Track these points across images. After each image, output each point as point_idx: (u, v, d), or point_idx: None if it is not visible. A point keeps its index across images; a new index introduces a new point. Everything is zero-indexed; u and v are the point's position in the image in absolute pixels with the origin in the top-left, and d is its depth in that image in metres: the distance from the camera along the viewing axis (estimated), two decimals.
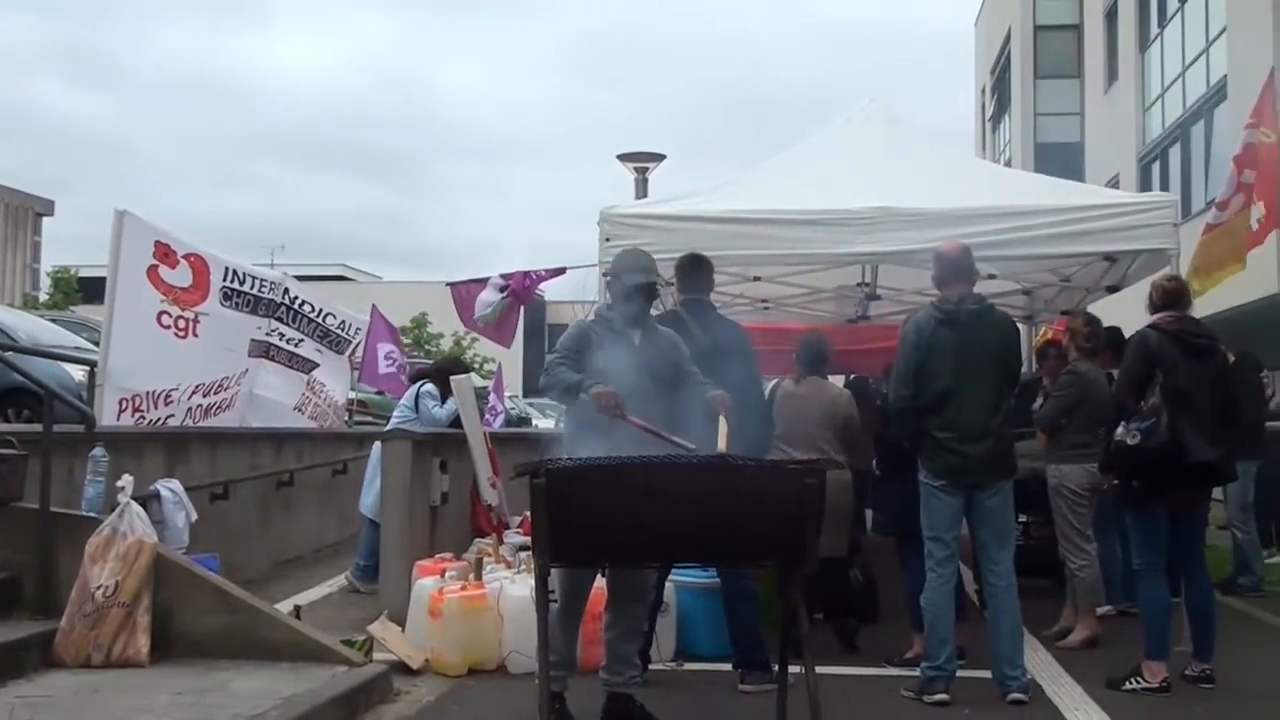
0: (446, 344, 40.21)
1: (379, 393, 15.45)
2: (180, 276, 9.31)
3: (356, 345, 12.31)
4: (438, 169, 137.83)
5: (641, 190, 15.68)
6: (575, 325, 5.66)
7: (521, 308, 10.16)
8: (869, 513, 8.07)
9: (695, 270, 6.65)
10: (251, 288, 10.17)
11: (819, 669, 4.69)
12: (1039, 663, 6.59)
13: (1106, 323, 8.11)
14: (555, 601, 4.93)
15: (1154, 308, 6.35)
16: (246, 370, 10.29)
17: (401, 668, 6.17)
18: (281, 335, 10.75)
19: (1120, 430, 6.05)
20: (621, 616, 5.33)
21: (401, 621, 6.78)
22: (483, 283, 9.96)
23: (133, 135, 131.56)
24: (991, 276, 9.30)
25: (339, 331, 11.57)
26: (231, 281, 9.89)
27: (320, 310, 11.27)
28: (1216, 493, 9.50)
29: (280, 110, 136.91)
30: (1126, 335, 6.84)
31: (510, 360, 30.28)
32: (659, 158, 16.14)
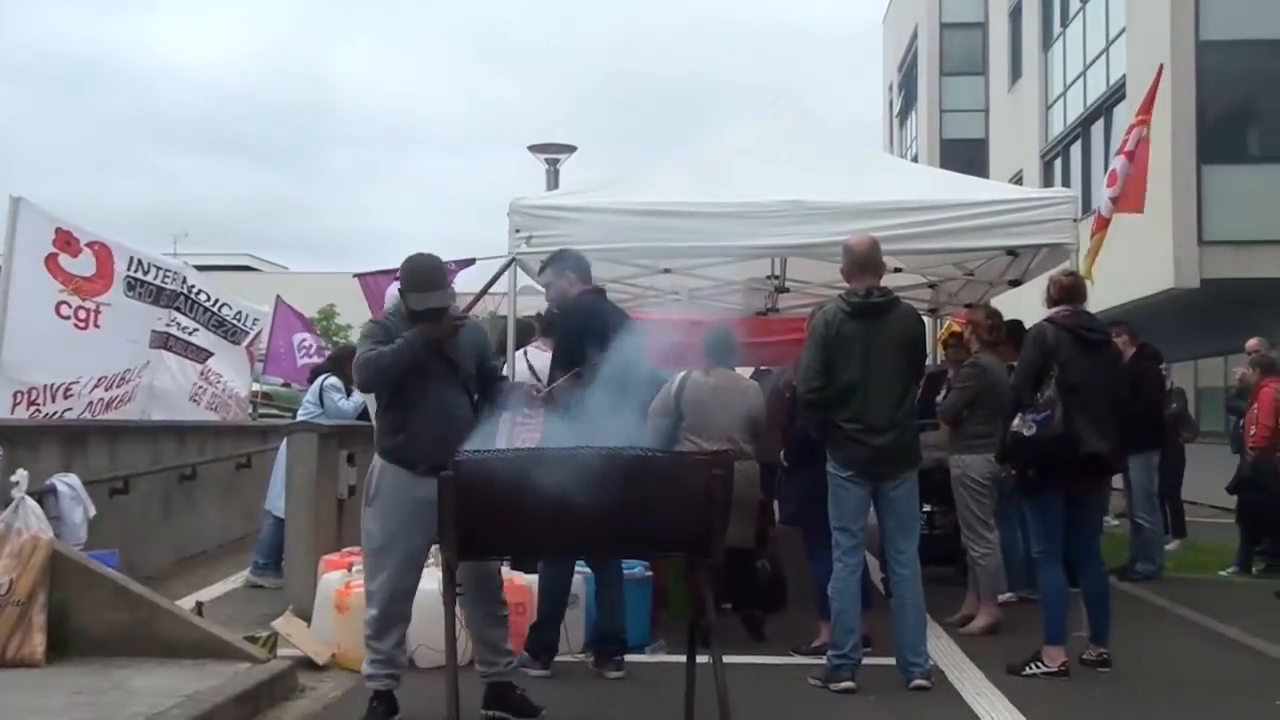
0: (355, 335, 39.70)
1: (285, 384, 15.25)
2: (83, 266, 9.09)
3: (255, 336, 12.12)
4: (338, 157, 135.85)
5: (553, 181, 15.65)
6: (375, 322, 5.51)
7: None
8: (776, 504, 8.14)
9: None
10: (155, 278, 9.98)
11: (726, 658, 4.73)
12: (942, 649, 6.72)
13: (1008, 316, 8.28)
14: (462, 594, 4.90)
15: (1051, 302, 6.50)
16: (148, 362, 10.08)
17: (307, 663, 6.10)
18: (179, 324, 10.57)
19: (1017, 422, 6.20)
20: (477, 607, 5.23)
21: (307, 616, 6.69)
22: (392, 273, 9.86)
23: (5, 120, 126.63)
24: (898, 270, 9.44)
25: (235, 322, 11.40)
26: (136, 271, 9.69)
27: (216, 300, 11.10)
28: (1117, 481, 9.81)
29: (171, 95, 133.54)
30: (1028, 328, 6.99)
31: None
32: (570, 149, 16.14)
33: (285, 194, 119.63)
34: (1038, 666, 6.16)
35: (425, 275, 5.21)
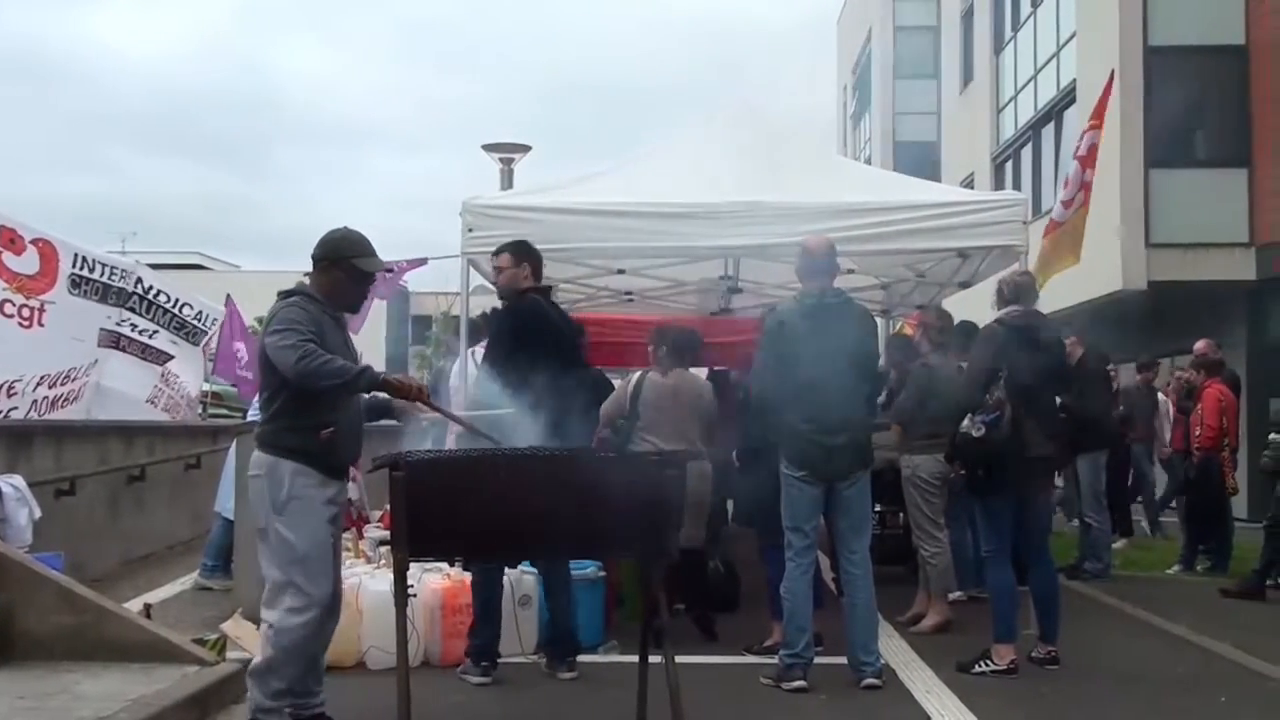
0: None
1: (234, 385, 15.12)
2: (26, 263, 8.97)
3: (212, 336, 12.02)
4: (288, 154, 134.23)
5: (507, 181, 15.62)
6: (301, 307, 4.80)
7: (376, 298, 10.03)
8: (729, 503, 8.17)
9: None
10: (102, 275, 9.85)
11: (679, 658, 4.74)
12: (893, 648, 6.76)
13: (959, 317, 8.35)
14: (414, 596, 4.87)
15: (1002, 303, 6.57)
16: (95, 361, 9.96)
17: None
18: (134, 326, 10.43)
19: (966, 423, 6.26)
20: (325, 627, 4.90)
21: (257, 619, 6.61)
22: None
23: None
24: (850, 271, 9.49)
25: (195, 322, 11.28)
26: (81, 269, 9.56)
27: (176, 300, 10.98)
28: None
29: (117, 91, 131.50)
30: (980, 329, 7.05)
31: (373, 351, 29.86)
32: (524, 149, 16.10)
33: (235, 191, 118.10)
34: (987, 664, 6.21)
35: (364, 241, 4.98)
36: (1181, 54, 16.91)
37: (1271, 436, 8.69)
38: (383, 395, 4.97)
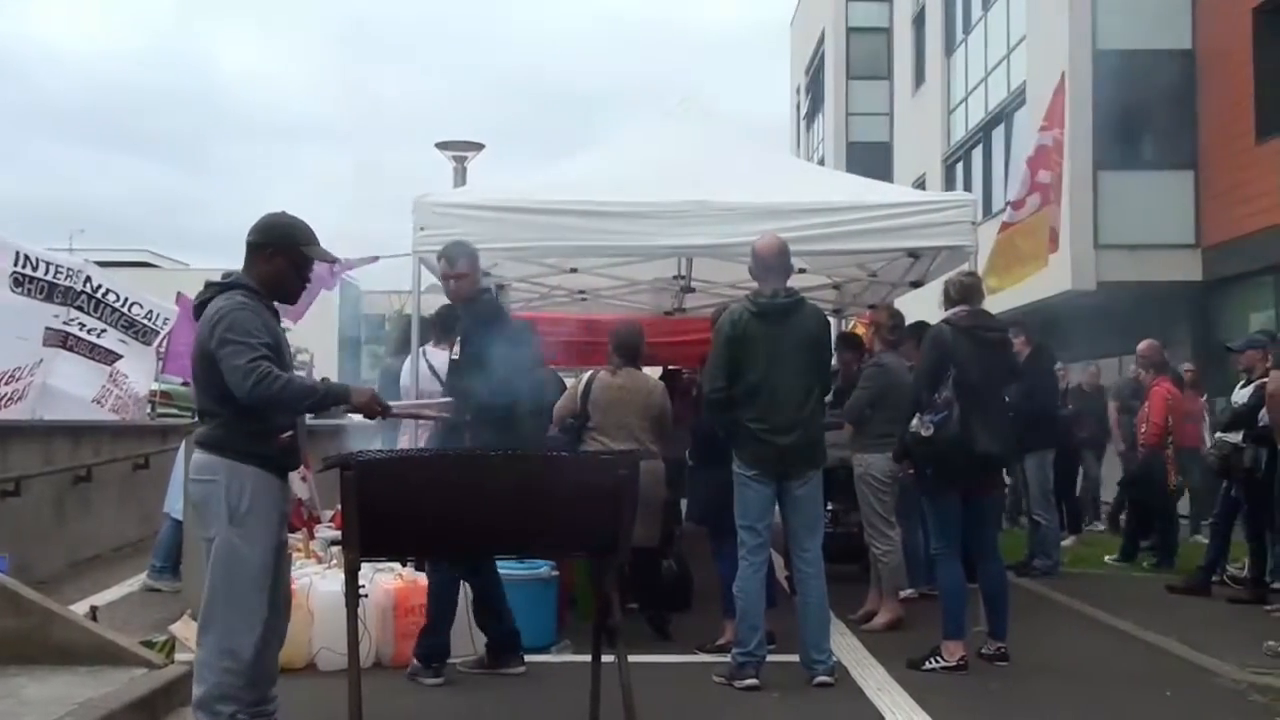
0: None
1: (184, 383, 14.94)
2: None
3: (165, 336, 11.87)
4: (232, 151, 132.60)
5: (460, 179, 15.55)
6: (247, 307, 4.51)
7: (323, 290, 9.94)
8: (684, 502, 8.18)
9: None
10: (46, 273, 9.70)
11: (632, 657, 4.73)
12: (845, 646, 6.80)
13: (911, 317, 8.41)
14: (365, 596, 4.83)
15: (950, 303, 6.62)
16: (41, 360, 9.81)
17: None
18: (81, 325, 10.29)
19: (915, 422, 6.31)
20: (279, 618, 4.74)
21: None
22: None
23: None
24: (802, 270, 9.52)
25: (145, 321, 11.14)
26: (23, 267, 9.42)
27: (125, 299, 10.83)
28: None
29: (59, 88, 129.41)
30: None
31: (324, 350, 29.69)
32: (478, 147, 16.03)
33: (182, 189, 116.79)
34: (937, 661, 6.26)
35: (310, 229, 4.73)
36: (1129, 57, 17.09)
37: (1217, 435, 8.81)
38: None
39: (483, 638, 6.38)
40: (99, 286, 10.44)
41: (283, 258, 4.64)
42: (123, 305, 10.78)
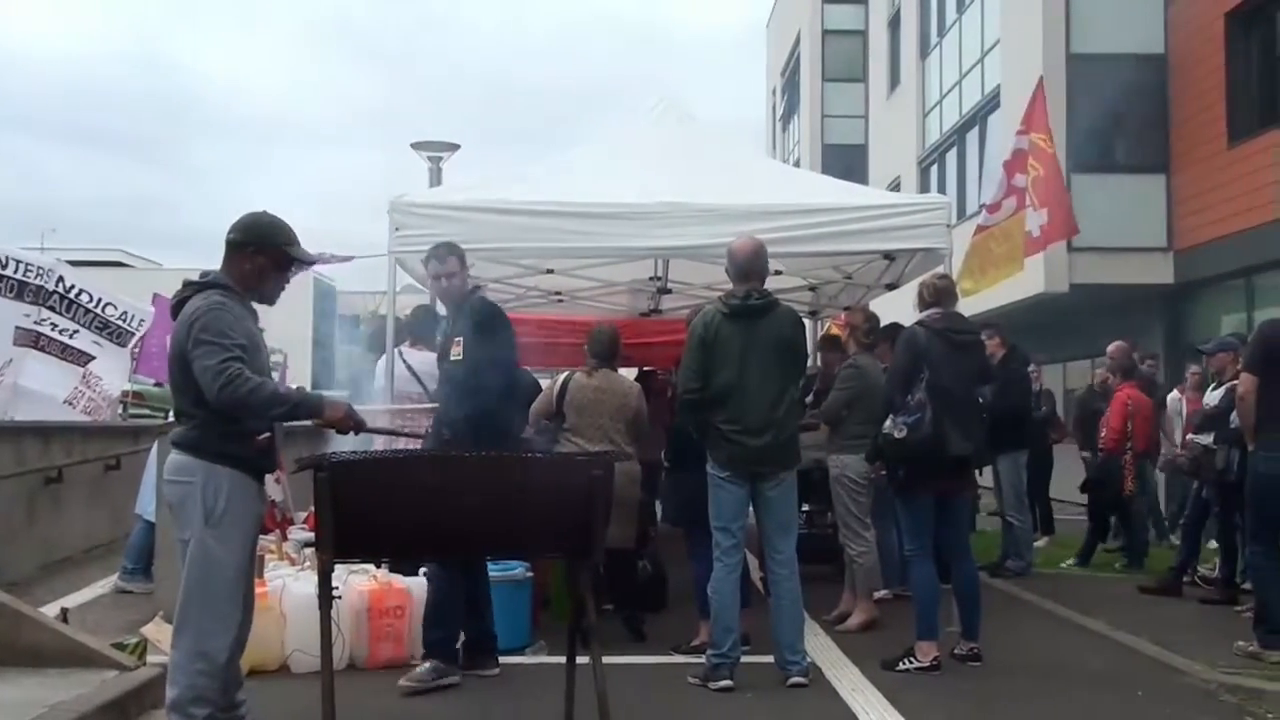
0: None
1: (157, 384, 14.84)
2: None
3: (141, 337, 11.79)
4: (208, 151, 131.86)
5: (436, 179, 15.53)
6: (225, 308, 4.45)
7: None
8: (659, 504, 8.19)
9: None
10: (15, 272, 9.64)
11: (607, 658, 4.73)
12: (819, 647, 6.82)
13: (886, 319, 8.44)
14: (339, 598, 4.81)
15: (923, 305, 6.65)
16: (10, 360, 9.73)
17: None
18: (53, 325, 10.21)
19: (888, 424, 6.34)
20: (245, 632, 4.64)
21: None
22: None
23: None
24: (778, 272, 9.57)
25: (120, 322, 11.05)
26: None
27: (99, 300, 10.75)
28: (990, 480, 10.08)
29: (31, 88, 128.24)
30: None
31: (298, 350, 29.54)
32: (453, 147, 16.02)
33: (155, 189, 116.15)
34: (911, 662, 6.29)
35: (291, 229, 4.66)
36: (1103, 61, 17.23)
37: (1189, 437, 8.88)
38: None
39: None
40: (71, 286, 10.37)
41: (265, 257, 4.58)
42: (96, 306, 10.70)
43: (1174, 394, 11.94)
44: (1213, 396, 8.51)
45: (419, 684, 5.78)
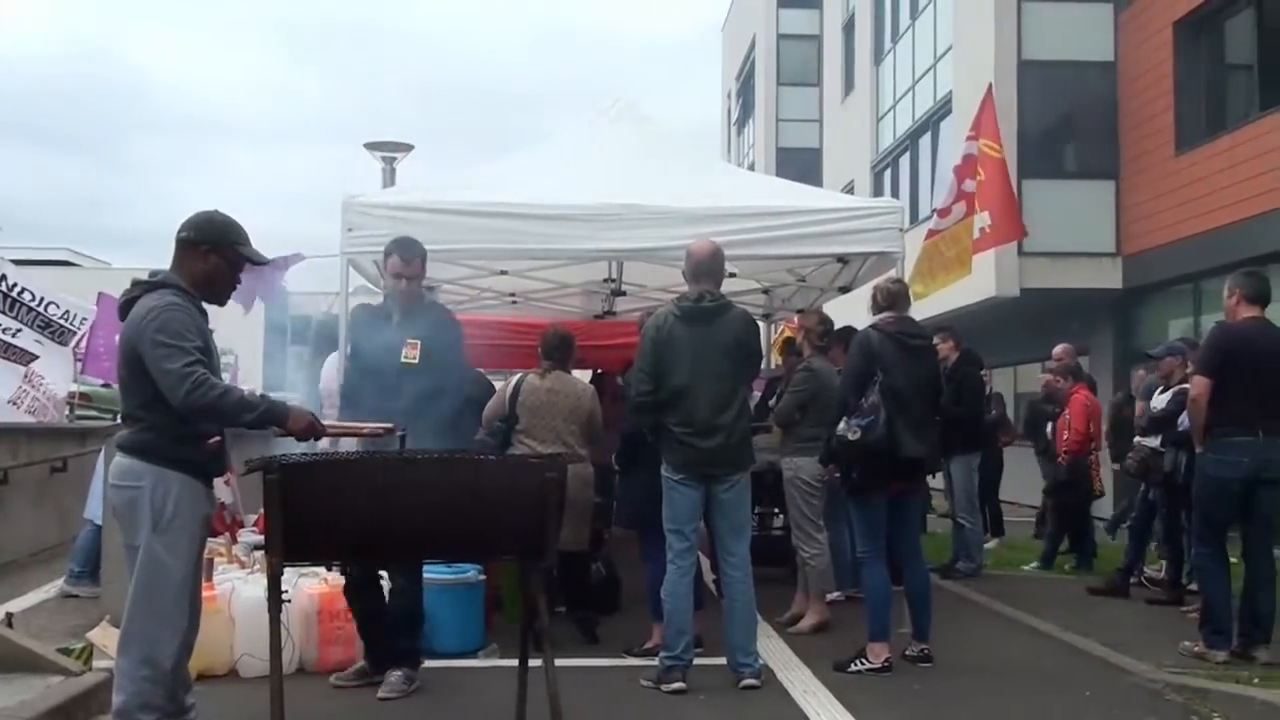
0: None
1: (104, 385, 14.67)
2: None
3: (82, 336, 11.64)
4: (154, 149, 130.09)
5: (389, 180, 15.44)
6: (180, 308, 4.34)
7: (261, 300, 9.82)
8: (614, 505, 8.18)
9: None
10: None
11: (560, 661, 4.72)
12: (772, 649, 6.84)
13: (840, 322, 8.48)
14: (288, 602, 4.76)
15: (876, 309, 6.69)
16: None
17: None
18: None
19: (842, 425, 6.36)
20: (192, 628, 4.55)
21: None
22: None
23: None
24: (732, 275, 9.57)
25: (61, 321, 10.92)
26: None
27: (41, 299, 10.62)
28: (941, 482, 10.16)
29: None
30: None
31: (249, 351, 29.25)
32: (407, 147, 15.93)
33: (104, 188, 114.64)
34: (862, 663, 6.32)
35: (243, 228, 4.57)
36: (1053, 68, 17.42)
37: (1136, 440, 8.98)
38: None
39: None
40: (14, 285, 10.24)
41: (217, 256, 4.50)
42: (38, 305, 10.57)
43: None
44: (1160, 400, 8.61)
45: (398, 693, 5.74)
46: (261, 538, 6.98)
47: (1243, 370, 6.55)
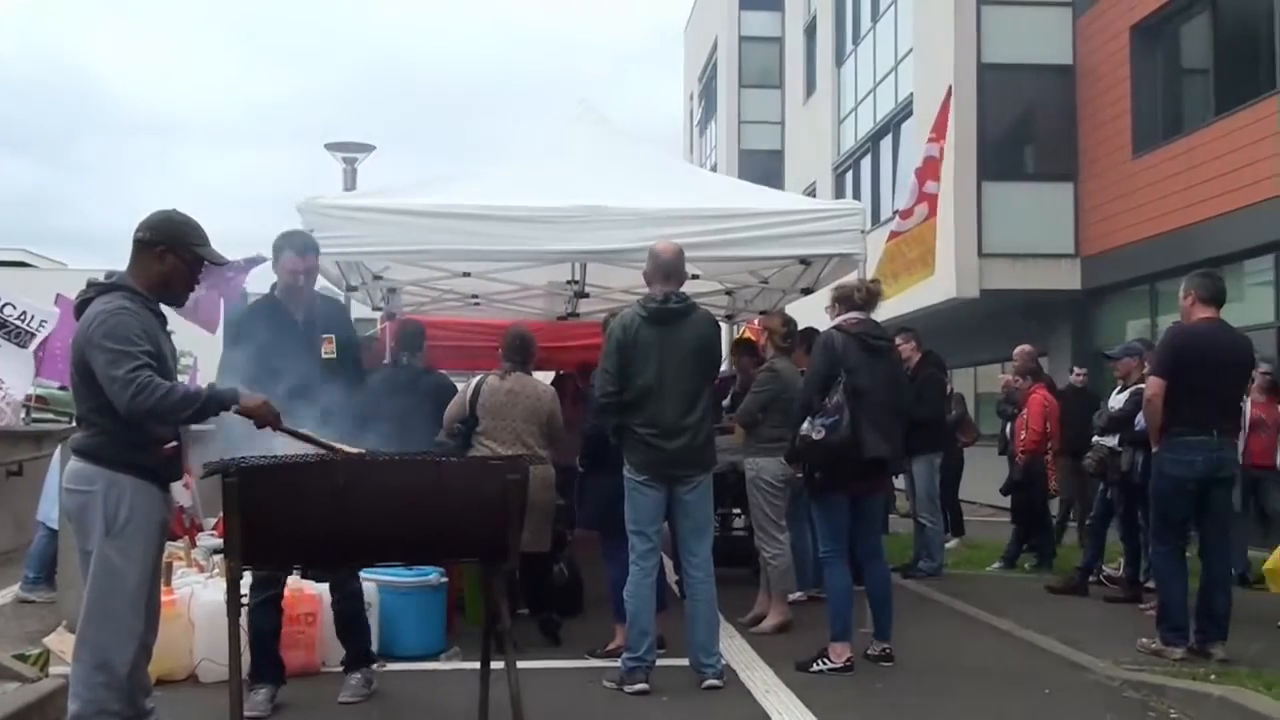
0: None
1: (61, 387, 14.47)
2: None
3: (43, 339, 11.47)
4: (111, 149, 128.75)
5: (350, 181, 15.36)
6: (127, 312, 4.27)
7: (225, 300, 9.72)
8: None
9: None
10: None
11: (522, 662, 4.72)
12: (734, 649, 6.85)
13: (802, 323, 8.51)
14: (246, 605, 4.72)
15: (850, 307, 6.71)
16: None
17: None
18: None
19: (806, 425, 6.38)
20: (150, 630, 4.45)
21: None
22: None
23: None
24: (695, 276, 9.58)
25: (19, 323, 10.77)
26: None
27: None
28: (903, 482, 10.20)
29: None
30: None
31: (208, 353, 29.02)
32: (368, 148, 15.85)
33: (60, 188, 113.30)
34: (824, 663, 6.35)
35: (201, 228, 4.47)
36: (1013, 71, 17.58)
37: (1095, 440, 9.06)
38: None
39: (373, 643, 6.30)
40: None
41: (174, 256, 4.40)
42: None
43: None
44: (1118, 400, 8.70)
45: (359, 696, 5.70)
46: (220, 541, 6.94)
47: (1197, 371, 6.62)
